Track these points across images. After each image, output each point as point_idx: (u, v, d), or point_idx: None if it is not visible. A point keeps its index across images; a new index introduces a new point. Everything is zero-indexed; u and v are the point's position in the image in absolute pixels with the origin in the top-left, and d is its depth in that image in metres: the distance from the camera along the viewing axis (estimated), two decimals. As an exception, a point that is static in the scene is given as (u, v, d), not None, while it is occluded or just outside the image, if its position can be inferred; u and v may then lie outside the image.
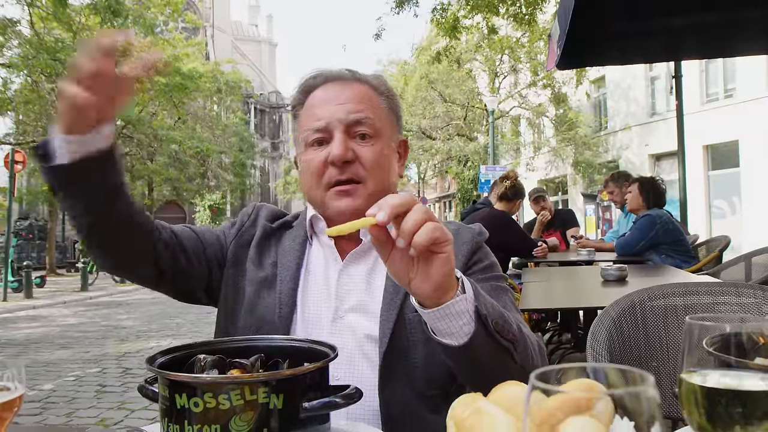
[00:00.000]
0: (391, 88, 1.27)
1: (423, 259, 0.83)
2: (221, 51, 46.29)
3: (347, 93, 1.19)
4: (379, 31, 11.99)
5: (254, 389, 0.70)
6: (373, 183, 1.16)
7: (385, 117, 1.22)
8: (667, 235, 4.26)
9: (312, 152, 1.18)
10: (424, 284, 0.84)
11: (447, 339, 0.87)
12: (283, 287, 1.17)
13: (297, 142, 1.25)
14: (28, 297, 12.16)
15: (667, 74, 18.21)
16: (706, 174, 17.56)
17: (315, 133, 1.17)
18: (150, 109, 26.21)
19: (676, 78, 6.65)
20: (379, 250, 0.85)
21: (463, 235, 1.20)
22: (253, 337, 0.95)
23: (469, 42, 21.28)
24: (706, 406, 0.54)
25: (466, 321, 0.86)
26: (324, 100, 1.19)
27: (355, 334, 1.12)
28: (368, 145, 1.16)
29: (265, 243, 1.25)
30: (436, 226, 0.80)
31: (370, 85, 1.23)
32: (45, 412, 4.28)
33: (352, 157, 1.14)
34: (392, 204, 0.79)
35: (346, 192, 1.15)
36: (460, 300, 0.85)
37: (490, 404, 0.61)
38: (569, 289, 3.11)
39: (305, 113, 1.22)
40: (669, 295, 1.74)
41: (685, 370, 0.57)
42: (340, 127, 1.15)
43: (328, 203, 1.17)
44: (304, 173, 1.22)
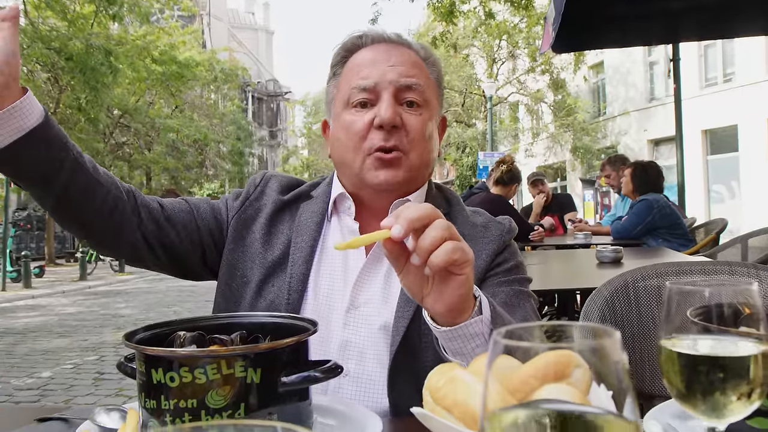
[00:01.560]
0: (438, 60, 1.19)
1: (439, 278, 0.78)
2: (218, 39, 46.00)
3: (398, 56, 1.10)
4: (375, 16, 11.89)
5: (231, 363, 0.69)
6: (416, 155, 1.08)
7: (433, 88, 1.14)
8: (663, 219, 4.26)
9: (353, 113, 1.08)
10: (438, 303, 0.79)
11: (457, 359, 0.83)
12: (294, 270, 1.09)
13: (334, 102, 1.14)
14: (27, 287, 12.16)
15: (665, 59, 18.12)
16: (704, 159, 17.53)
17: (360, 93, 1.07)
18: (147, 98, 26.13)
19: (675, 61, 6.60)
20: (393, 263, 0.80)
21: (491, 230, 1.13)
22: (234, 314, 0.94)
23: (467, 27, 21.13)
24: (685, 373, 0.53)
25: (479, 343, 0.81)
26: (373, 60, 1.10)
27: (369, 327, 1.05)
28: (416, 114, 1.08)
29: (276, 218, 1.16)
30: (455, 246, 0.75)
31: (419, 53, 1.15)
32: (43, 399, 4.29)
33: (400, 123, 1.06)
34: (410, 218, 0.74)
35: (389, 162, 1.06)
36: (476, 322, 0.81)
37: (465, 372, 0.60)
38: (565, 271, 3.10)
39: (348, 71, 1.12)
40: (662, 275, 1.73)
41: (665, 337, 0.56)
42: (390, 89, 1.06)
43: (366, 171, 1.07)
44: (340, 136, 1.11)
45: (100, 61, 15.97)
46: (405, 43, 1.15)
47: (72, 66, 15.45)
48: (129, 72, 20.38)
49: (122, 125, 25.44)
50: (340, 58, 1.15)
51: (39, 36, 15.28)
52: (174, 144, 28.08)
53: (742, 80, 15.97)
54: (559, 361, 0.53)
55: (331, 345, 1.05)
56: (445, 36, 12.74)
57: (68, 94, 16.98)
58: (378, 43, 1.13)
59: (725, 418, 0.53)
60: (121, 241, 1.08)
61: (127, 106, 23.47)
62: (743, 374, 0.50)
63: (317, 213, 1.15)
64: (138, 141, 27.00)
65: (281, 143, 50.03)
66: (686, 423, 0.71)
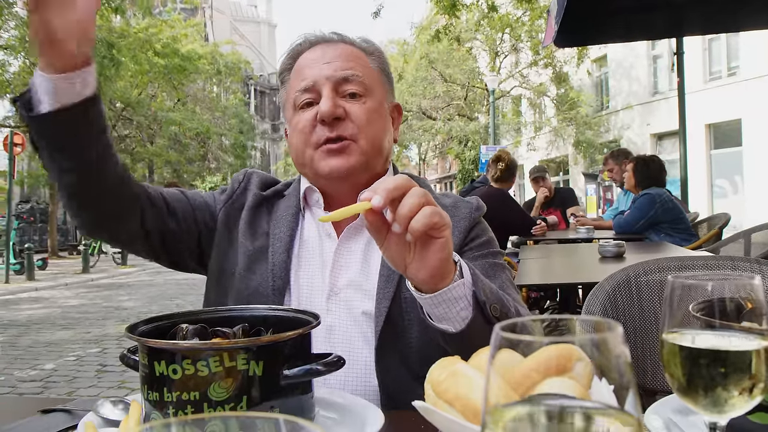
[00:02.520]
0: (380, 49, 1.22)
1: (420, 244, 0.80)
2: (220, 32, 45.91)
3: (334, 52, 1.15)
4: (378, 9, 11.85)
5: (233, 356, 0.69)
6: (366, 141, 1.11)
7: (375, 76, 1.17)
8: (666, 213, 4.24)
9: (300, 114, 1.14)
10: (421, 270, 0.81)
11: (444, 324, 0.85)
12: (275, 258, 1.13)
13: (286, 110, 1.21)
14: (30, 279, 12.21)
15: (669, 53, 18.04)
16: (708, 153, 17.49)
17: (303, 94, 1.12)
18: (149, 91, 26.10)
19: (678, 55, 6.56)
20: (375, 235, 0.82)
21: (461, 210, 1.17)
22: (236, 306, 0.94)
23: (469, 20, 21.05)
24: (687, 367, 0.53)
25: (463, 306, 0.84)
26: (310, 61, 1.15)
27: (351, 311, 1.08)
28: (359, 103, 1.12)
29: (256, 212, 1.21)
30: (433, 211, 0.77)
31: (358, 45, 1.19)
32: (46, 392, 4.31)
33: (342, 114, 1.10)
34: (388, 188, 0.76)
35: (337, 150, 1.10)
36: (458, 285, 0.83)
37: (467, 366, 0.60)
38: (567, 265, 3.10)
39: (293, 77, 1.18)
40: (664, 269, 1.73)
41: (667, 331, 0.56)
42: (328, 85, 1.11)
43: (318, 163, 1.11)
44: (292, 136, 1.17)
45: (102, 54, 15.95)
46: (343, 39, 1.19)
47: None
48: (131, 65, 20.36)
49: (125, 118, 25.44)
50: (286, 65, 1.21)
51: (41, 28, 15.21)
52: (176, 137, 28.10)
53: (747, 74, 15.91)
54: (561, 354, 0.53)
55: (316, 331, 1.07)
56: (448, 29, 12.70)
57: (70, 87, 16.93)
58: (316, 45, 1.17)
59: (726, 413, 0.53)
60: (122, 226, 1.10)
61: (130, 99, 23.46)
62: (745, 369, 0.50)
63: (292, 207, 1.20)
64: (140, 134, 27.01)
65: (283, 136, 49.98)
66: (687, 418, 0.71)
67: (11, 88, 17.60)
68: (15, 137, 12.52)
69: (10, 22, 15.87)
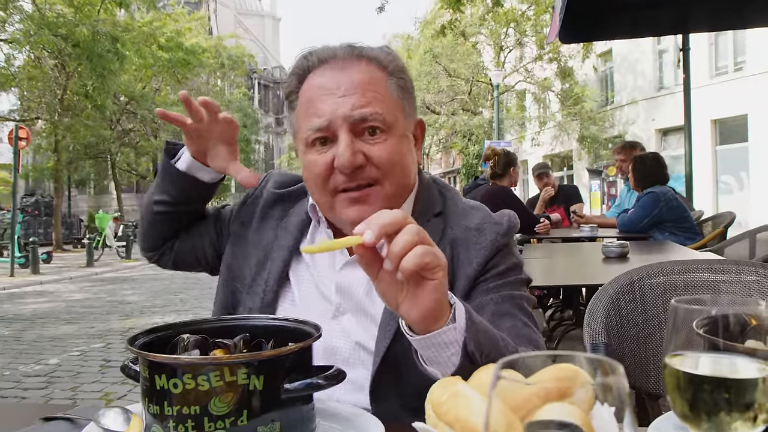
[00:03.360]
0: (399, 61, 1.09)
1: (413, 283, 0.76)
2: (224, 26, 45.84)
3: (349, 79, 1.01)
4: (382, 4, 11.81)
5: (234, 370, 0.69)
6: (391, 183, 1.02)
7: (396, 103, 1.05)
8: (670, 212, 4.22)
9: (314, 153, 1.03)
10: (412, 310, 0.77)
11: (434, 368, 0.82)
12: (273, 267, 1.09)
13: (296, 139, 1.11)
14: (35, 273, 12.25)
15: (675, 47, 17.93)
16: (713, 149, 17.40)
17: (316, 133, 1.02)
18: (153, 84, 26.10)
19: (684, 51, 6.53)
20: (366, 269, 0.78)
21: (485, 235, 1.05)
22: (237, 316, 0.94)
23: (474, 15, 20.98)
24: (690, 393, 0.52)
25: (453, 352, 0.80)
26: (323, 91, 1.02)
27: (348, 338, 1.04)
28: (380, 142, 1.01)
29: (266, 215, 1.17)
30: (426, 251, 0.73)
31: (375, 62, 1.05)
32: (50, 386, 4.33)
33: (362, 162, 1.00)
34: (381, 223, 0.73)
35: (359, 199, 1.01)
36: (449, 330, 0.79)
37: (467, 387, 0.60)
38: (570, 265, 3.09)
39: (303, 107, 1.05)
40: (668, 273, 1.72)
41: (670, 354, 0.55)
42: (345, 126, 0.99)
43: (339, 211, 1.03)
44: (306, 173, 1.07)
45: (106, 47, 15.96)
46: (357, 54, 1.05)
47: (79, 53, 15.45)
48: (135, 58, 20.35)
49: (129, 112, 25.45)
50: (293, 87, 1.09)
51: (46, 23, 15.26)
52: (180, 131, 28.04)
53: (754, 69, 15.80)
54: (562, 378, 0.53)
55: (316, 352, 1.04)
56: (453, 24, 12.65)
57: (75, 81, 16.99)
58: (327, 63, 1.05)
59: (729, 438, 0.52)
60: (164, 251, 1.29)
61: (134, 93, 23.47)
62: (749, 396, 0.50)
63: (302, 214, 1.15)
64: (144, 128, 27.01)
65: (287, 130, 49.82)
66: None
67: (16, 82, 17.62)
68: (20, 131, 12.54)
69: (15, 15, 15.87)
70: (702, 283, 1.67)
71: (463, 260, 1.04)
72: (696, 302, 0.55)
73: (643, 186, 4.43)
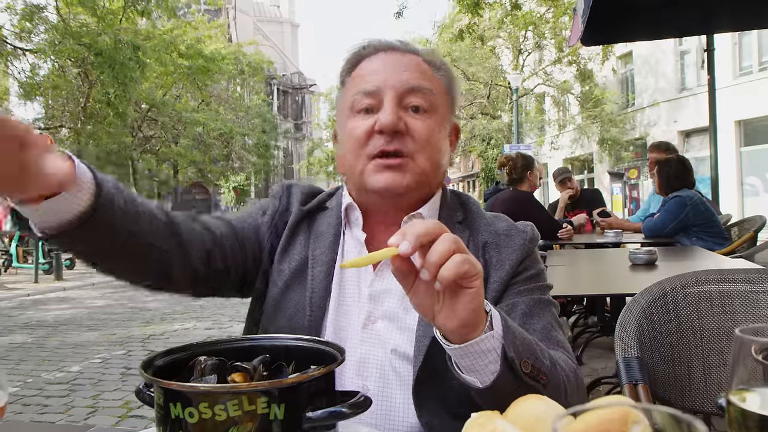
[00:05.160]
0: (447, 64, 1.14)
1: (449, 293, 0.75)
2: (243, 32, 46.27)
3: (403, 61, 1.07)
4: (401, 9, 11.79)
5: (253, 399, 0.65)
6: (424, 159, 1.03)
7: (441, 93, 1.09)
8: (698, 216, 4.11)
9: (358, 119, 1.05)
10: (450, 320, 0.76)
11: (471, 376, 0.80)
12: (315, 285, 1.05)
13: (340, 113, 1.12)
14: (59, 279, 12.40)
15: (698, 48, 17.67)
16: (738, 150, 17.08)
17: (364, 98, 1.04)
18: (174, 91, 26.40)
19: (709, 52, 6.39)
20: (401, 281, 0.77)
21: (514, 240, 1.08)
22: (256, 336, 0.90)
23: (492, 18, 20.88)
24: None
25: (492, 359, 0.79)
26: (378, 66, 1.07)
27: (384, 345, 1.02)
28: (421, 119, 1.04)
29: (296, 230, 1.12)
30: (464, 259, 0.72)
31: (425, 58, 1.11)
32: (72, 394, 4.34)
33: (403, 128, 1.02)
34: (417, 233, 0.71)
35: (392, 166, 1.02)
36: (487, 338, 0.78)
37: (506, 424, 0.55)
38: (596, 273, 3.01)
39: (353, 80, 1.09)
40: (703, 282, 1.65)
41: (734, 389, 0.50)
42: (392, 94, 1.03)
43: (369, 176, 1.03)
44: (344, 142, 1.08)
45: (128, 56, 16.17)
46: (412, 49, 1.11)
47: (101, 61, 15.66)
48: (156, 66, 20.61)
49: (150, 119, 25.78)
50: (348, 67, 1.13)
51: (70, 32, 15.51)
52: (200, 137, 28.39)
53: (779, 69, 15.51)
54: (613, 418, 0.48)
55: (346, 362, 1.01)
56: (471, 28, 12.59)
57: (98, 89, 17.21)
58: (384, 51, 1.10)
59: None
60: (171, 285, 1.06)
61: (155, 100, 23.76)
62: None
63: (333, 225, 1.12)
64: (165, 134, 27.34)
65: (306, 135, 50.21)
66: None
67: (41, 91, 17.93)
68: (43, 139, 12.71)
69: (40, 26, 16.17)
70: (738, 293, 1.61)
71: (496, 263, 1.05)
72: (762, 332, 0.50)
73: (668, 190, 4.32)
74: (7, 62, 16.45)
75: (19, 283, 11.99)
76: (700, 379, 1.52)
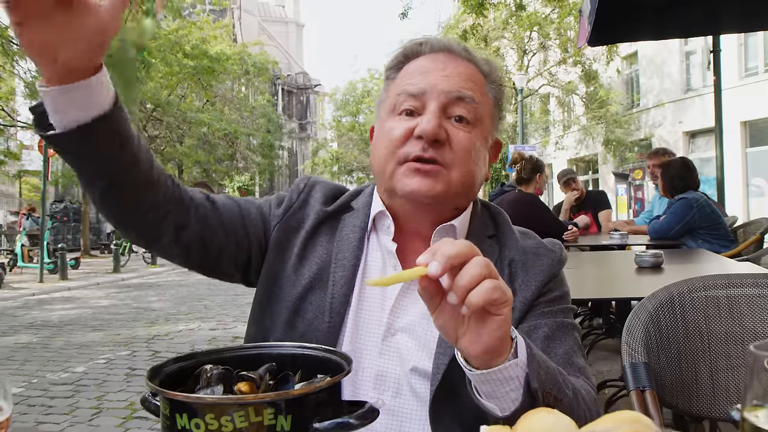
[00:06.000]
0: (500, 76, 1.09)
1: (475, 318, 0.72)
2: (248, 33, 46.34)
3: (455, 67, 1.02)
4: (405, 10, 11.77)
5: (259, 411, 0.64)
6: (458, 173, 0.98)
7: (488, 107, 1.05)
8: (704, 219, 4.09)
9: (397, 120, 1.01)
10: (474, 345, 0.73)
11: (491, 402, 0.78)
12: (336, 291, 1.01)
13: (381, 107, 1.08)
14: (63, 278, 12.45)
15: (703, 49, 17.63)
16: (743, 151, 17.02)
17: (407, 99, 1.00)
18: (179, 91, 26.46)
19: (715, 53, 6.36)
20: (427, 302, 0.74)
21: (542, 259, 1.05)
22: (262, 344, 0.89)
23: (497, 19, 20.85)
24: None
25: (513, 387, 0.76)
26: (427, 68, 1.02)
27: (403, 361, 0.99)
28: (464, 131, 0.99)
29: (317, 231, 1.08)
30: (495, 286, 0.69)
31: (481, 68, 1.06)
32: (77, 395, 4.35)
33: (444, 137, 0.97)
34: (448, 255, 0.68)
35: (424, 171, 0.97)
36: (511, 366, 0.75)
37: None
38: (602, 276, 2.99)
39: (401, 77, 1.04)
40: (711, 287, 1.64)
41: (749, 405, 0.49)
42: (438, 100, 0.98)
43: (399, 180, 0.98)
44: (378, 141, 1.04)
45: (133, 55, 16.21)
46: (468, 57, 1.06)
47: (106, 61, 15.70)
48: (161, 66, 20.68)
49: (155, 119, 25.85)
50: (397, 62, 1.08)
51: (74, 32, 15.53)
52: (205, 137, 28.45)
53: (785, 70, 15.43)
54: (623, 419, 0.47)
55: (364, 375, 1.00)
56: (475, 29, 12.56)
57: (102, 89, 17.25)
58: (438, 52, 1.05)
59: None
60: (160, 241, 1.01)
61: (160, 100, 23.81)
62: None
63: (358, 228, 1.07)
64: (170, 134, 27.41)
65: (311, 136, 50.24)
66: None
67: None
68: (48, 139, 12.76)
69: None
70: (746, 298, 1.60)
71: (522, 282, 1.02)
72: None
73: (673, 192, 4.30)
74: (13, 62, 16.52)
75: (24, 282, 12.04)
76: (708, 385, 1.51)
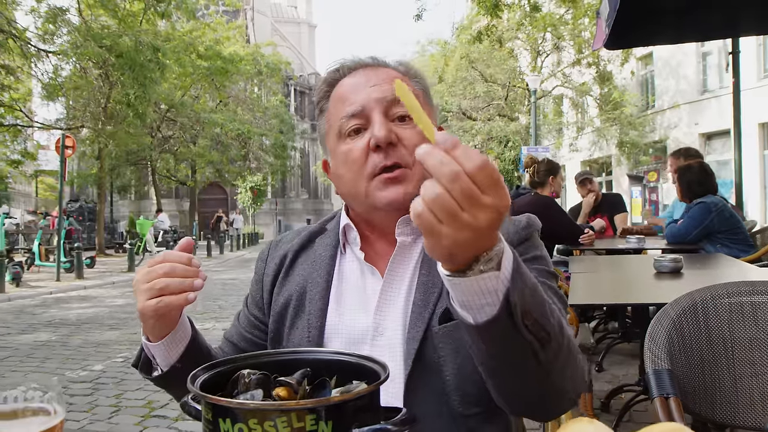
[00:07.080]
0: (420, 72, 1.17)
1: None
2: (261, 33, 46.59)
3: (377, 75, 1.08)
4: (420, 11, 11.79)
5: (301, 417, 0.66)
6: (420, 168, 1.02)
7: (420, 99, 1.10)
8: (723, 223, 4.05)
9: (349, 143, 1.06)
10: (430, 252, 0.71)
11: (464, 311, 0.75)
12: (312, 307, 1.08)
13: (327, 139, 1.12)
14: (79, 277, 12.59)
15: (720, 50, 17.46)
16: (761, 154, 16.84)
17: (350, 120, 1.05)
18: (192, 92, 26.66)
19: (734, 54, 6.30)
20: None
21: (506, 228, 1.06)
22: (298, 350, 0.91)
23: (511, 20, 20.80)
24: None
25: (490, 302, 0.72)
26: (354, 86, 1.08)
27: (395, 353, 1.02)
28: (410, 127, 1.04)
29: (294, 263, 1.17)
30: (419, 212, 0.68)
31: (398, 69, 1.13)
32: (95, 393, 4.40)
33: (395, 139, 1.03)
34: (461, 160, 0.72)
35: (394, 179, 1.02)
36: (490, 278, 0.70)
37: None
38: (619, 281, 2.98)
39: (334, 104, 1.10)
40: (734, 294, 1.64)
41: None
42: (379, 108, 1.04)
43: (373, 194, 1.03)
44: (340, 168, 1.09)
45: (148, 57, 16.37)
46: (382, 63, 1.13)
47: (122, 63, 15.89)
48: (176, 67, 20.84)
49: (169, 119, 26.08)
50: (323, 93, 1.14)
51: (91, 34, 15.73)
52: (218, 137, 28.62)
53: (803, 71, 15.26)
54: None
55: None
56: (489, 30, 12.54)
57: (118, 90, 17.46)
58: (356, 70, 1.11)
59: None
60: None
61: (174, 101, 24.02)
62: None
63: (331, 246, 1.15)
64: (184, 135, 27.62)
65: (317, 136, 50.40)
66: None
67: (63, 92, 18.20)
68: (66, 140, 12.91)
69: (63, 28, 16.42)
70: (770, 305, 1.60)
71: None
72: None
73: (690, 197, 4.26)
74: (31, 64, 16.73)
75: (42, 281, 12.19)
76: (731, 392, 1.51)
